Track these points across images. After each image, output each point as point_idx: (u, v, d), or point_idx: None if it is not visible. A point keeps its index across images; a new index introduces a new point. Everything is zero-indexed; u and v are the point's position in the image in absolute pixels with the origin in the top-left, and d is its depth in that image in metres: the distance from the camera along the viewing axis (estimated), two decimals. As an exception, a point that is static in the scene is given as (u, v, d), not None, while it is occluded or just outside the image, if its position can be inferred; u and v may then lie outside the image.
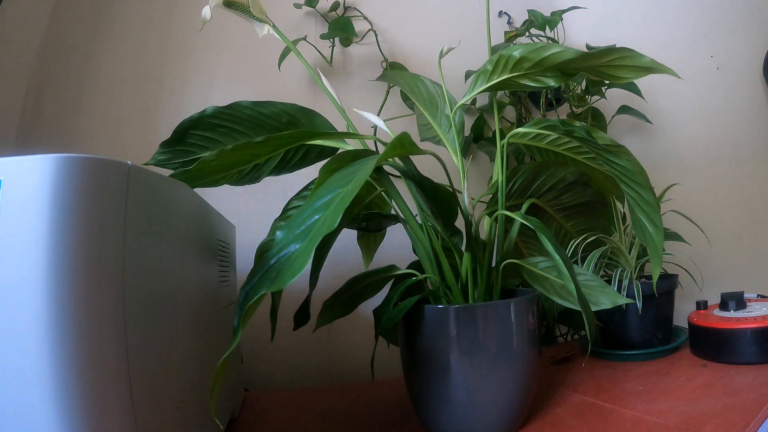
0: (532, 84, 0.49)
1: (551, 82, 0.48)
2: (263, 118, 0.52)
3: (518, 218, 0.50)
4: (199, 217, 0.46)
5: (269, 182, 0.69)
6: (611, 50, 0.44)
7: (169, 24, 0.82)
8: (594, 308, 0.48)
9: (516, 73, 0.48)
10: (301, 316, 0.52)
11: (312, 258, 0.48)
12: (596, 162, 0.59)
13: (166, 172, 0.46)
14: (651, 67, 0.44)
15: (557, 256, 0.45)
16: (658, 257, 0.48)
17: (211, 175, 0.44)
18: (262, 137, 0.41)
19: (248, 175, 0.51)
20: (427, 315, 0.48)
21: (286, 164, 0.54)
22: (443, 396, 0.47)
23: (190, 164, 0.52)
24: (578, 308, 0.47)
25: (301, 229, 0.33)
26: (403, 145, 0.42)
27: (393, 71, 0.68)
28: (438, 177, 0.52)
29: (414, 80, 0.62)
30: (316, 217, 0.33)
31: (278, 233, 0.34)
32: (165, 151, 0.51)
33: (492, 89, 0.51)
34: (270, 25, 0.53)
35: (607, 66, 0.46)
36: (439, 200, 0.49)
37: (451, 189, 0.52)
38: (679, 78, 0.44)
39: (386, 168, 0.51)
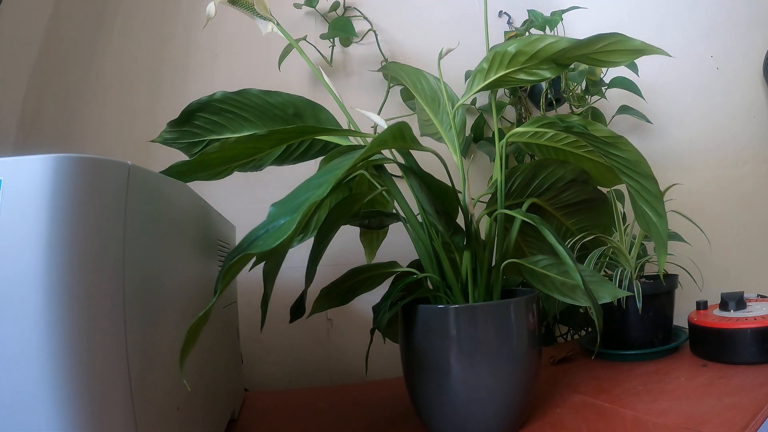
0: (528, 78, 0.49)
1: (547, 74, 0.49)
2: (270, 108, 0.53)
3: (518, 215, 0.51)
4: (199, 218, 0.46)
5: (270, 182, 0.69)
6: (602, 36, 0.44)
7: (168, 24, 0.82)
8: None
9: (512, 69, 0.49)
10: (297, 309, 0.53)
11: (311, 247, 0.49)
12: (596, 154, 0.59)
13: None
14: (642, 49, 0.45)
15: (560, 248, 0.45)
16: (664, 246, 0.48)
17: (212, 168, 0.44)
18: (265, 131, 0.41)
19: (250, 164, 0.51)
20: (427, 315, 0.48)
21: (288, 156, 0.55)
22: (443, 396, 0.47)
23: (196, 146, 0.53)
24: (580, 304, 0.47)
25: (293, 204, 0.33)
26: (403, 137, 0.42)
27: (396, 64, 0.68)
28: (438, 175, 0.52)
29: (416, 75, 0.62)
30: (309, 194, 0.34)
31: (271, 209, 0.34)
32: (172, 131, 0.52)
33: (489, 87, 0.51)
34: (274, 23, 0.53)
35: (600, 52, 0.46)
36: (440, 197, 0.49)
37: (451, 186, 0.52)
38: (670, 56, 0.44)
39: (387, 167, 0.51)
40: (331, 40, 0.86)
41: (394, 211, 0.59)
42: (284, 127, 0.49)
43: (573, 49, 0.45)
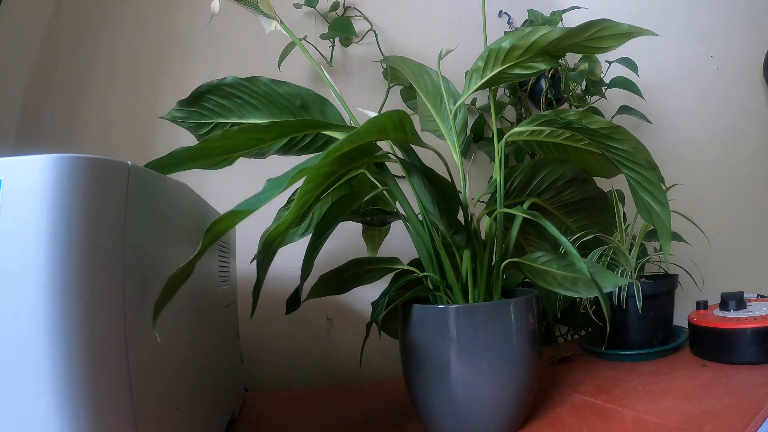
0: (524, 72, 0.50)
1: (542, 66, 0.49)
2: (278, 97, 0.53)
3: (519, 213, 0.51)
4: (199, 217, 0.45)
5: (269, 182, 0.69)
6: (592, 23, 0.45)
7: (169, 24, 0.82)
8: (596, 293, 0.48)
9: (508, 64, 0.49)
10: (293, 301, 0.53)
11: (312, 243, 0.49)
12: (595, 147, 0.60)
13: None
14: (630, 32, 0.46)
15: (563, 238, 0.45)
16: (667, 235, 0.48)
17: (213, 156, 0.44)
18: (268, 122, 0.41)
19: (252, 153, 0.51)
20: (427, 315, 0.48)
21: (292, 148, 0.55)
22: (443, 396, 0.47)
23: (203, 127, 0.54)
24: (583, 296, 0.48)
25: (286, 179, 0.34)
26: (403, 128, 0.42)
27: (399, 57, 0.68)
28: (438, 173, 0.52)
29: (419, 69, 0.62)
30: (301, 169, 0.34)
31: (266, 183, 0.35)
32: (181, 110, 0.53)
33: (487, 85, 0.51)
34: (278, 21, 0.53)
35: (591, 39, 0.47)
36: (442, 193, 0.49)
37: (451, 183, 0.52)
38: (657, 36, 0.45)
39: (388, 167, 0.51)
40: (331, 40, 0.86)
41: (395, 210, 0.59)
42: (287, 120, 0.49)
43: (566, 38, 0.46)
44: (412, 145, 0.48)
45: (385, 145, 0.52)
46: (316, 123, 0.47)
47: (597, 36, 0.47)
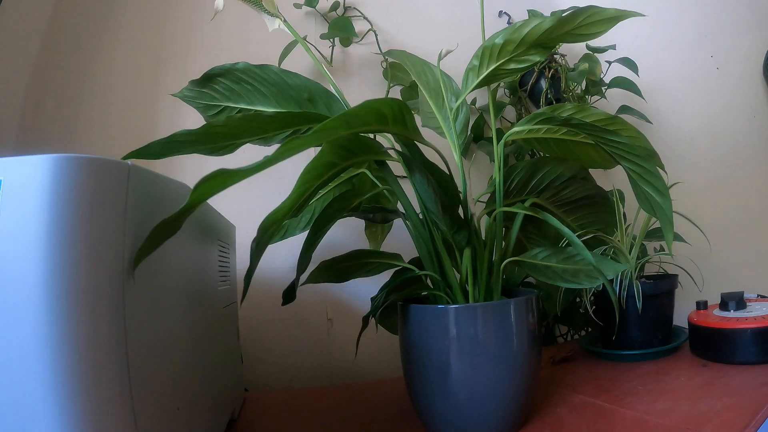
0: (519, 66, 0.50)
1: (536, 58, 0.50)
2: (286, 87, 0.54)
3: (518, 210, 0.51)
4: (199, 218, 0.45)
5: (269, 182, 0.69)
6: (580, 11, 0.46)
7: (169, 24, 0.82)
8: (598, 282, 0.48)
9: (503, 60, 0.49)
10: (289, 294, 0.54)
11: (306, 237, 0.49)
12: (593, 139, 0.60)
13: (166, 171, 0.45)
14: (617, 16, 0.47)
15: (565, 229, 0.46)
16: (670, 224, 0.48)
17: (216, 142, 0.43)
18: (272, 112, 0.41)
19: (256, 141, 0.51)
20: (427, 315, 0.48)
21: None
22: (443, 396, 0.47)
23: (211, 109, 0.54)
24: (584, 287, 0.48)
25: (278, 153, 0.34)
26: (404, 122, 0.42)
27: (402, 52, 0.68)
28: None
29: (422, 65, 0.62)
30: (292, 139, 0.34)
31: (263, 158, 0.34)
32: (192, 89, 0.53)
33: (484, 83, 0.51)
34: (281, 19, 0.53)
35: (581, 26, 0.48)
36: (443, 189, 0.50)
37: (451, 180, 0.52)
38: (644, 16, 0.46)
39: (389, 164, 0.51)
40: (331, 40, 0.86)
41: (396, 208, 0.59)
42: (291, 112, 0.49)
43: (557, 27, 0.46)
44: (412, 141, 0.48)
45: (386, 145, 0.52)
46: (319, 117, 0.46)
47: (586, 23, 0.47)
